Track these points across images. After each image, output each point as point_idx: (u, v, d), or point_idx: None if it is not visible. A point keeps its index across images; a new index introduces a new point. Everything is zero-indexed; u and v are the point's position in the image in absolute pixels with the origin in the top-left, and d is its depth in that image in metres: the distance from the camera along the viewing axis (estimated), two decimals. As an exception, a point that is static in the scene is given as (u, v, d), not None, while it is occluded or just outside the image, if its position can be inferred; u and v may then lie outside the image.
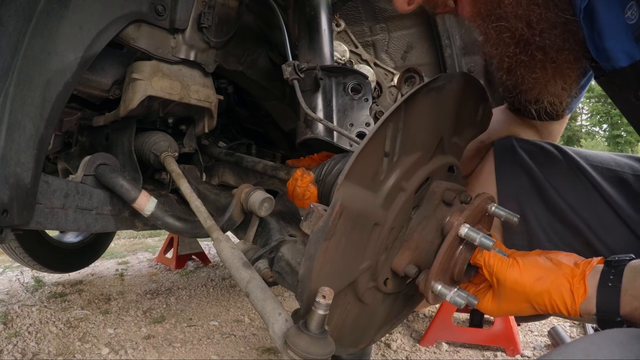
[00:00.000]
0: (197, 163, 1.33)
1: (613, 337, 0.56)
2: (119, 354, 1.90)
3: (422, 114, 0.68)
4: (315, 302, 0.54)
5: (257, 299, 0.63)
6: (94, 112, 1.25)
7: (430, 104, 0.69)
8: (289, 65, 0.99)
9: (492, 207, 0.73)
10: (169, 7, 1.02)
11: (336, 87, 1.07)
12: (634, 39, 0.61)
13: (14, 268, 3.11)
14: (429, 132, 0.71)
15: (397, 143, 0.65)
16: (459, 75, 0.74)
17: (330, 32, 1.12)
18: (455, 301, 0.66)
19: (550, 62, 0.69)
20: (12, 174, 0.75)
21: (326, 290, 0.54)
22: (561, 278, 0.68)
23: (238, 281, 0.68)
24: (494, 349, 2.08)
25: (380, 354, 2.01)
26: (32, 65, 0.76)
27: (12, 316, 2.23)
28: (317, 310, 0.54)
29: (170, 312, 2.42)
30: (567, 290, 0.67)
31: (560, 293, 0.67)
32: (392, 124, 0.63)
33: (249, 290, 0.65)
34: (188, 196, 0.94)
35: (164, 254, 3.44)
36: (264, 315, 0.60)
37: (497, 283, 0.72)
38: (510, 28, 0.66)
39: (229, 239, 0.79)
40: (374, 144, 0.62)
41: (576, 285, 0.67)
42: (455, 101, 0.75)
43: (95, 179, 0.99)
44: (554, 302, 0.68)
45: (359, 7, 1.48)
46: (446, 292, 0.66)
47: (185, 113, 1.27)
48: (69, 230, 1.84)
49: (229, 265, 0.72)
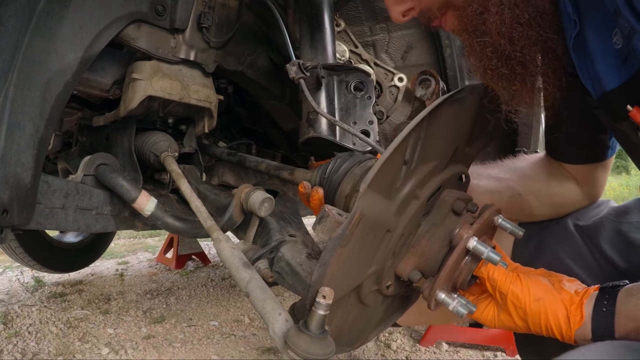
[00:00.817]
0: (197, 163, 1.33)
1: (603, 347, 0.59)
2: (119, 354, 1.90)
3: (443, 124, 0.68)
4: (316, 302, 0.54)
5: (257, 299, 0.63)
6: (94, 112, 1.24)
7: (452, 114, 0.70)
8: (294, 65, 0.98)
9: (499, 219, 0.75)
10: (169, 7, 1.02)
11: (338, 85, 1.07)
12: (621, 61, 0.64)
13: (14, 268, 3.11)
14: (447, 142, 0.72)
15: (417, 152, 0.65)
16: (480, 88, 0.75)
17: (332, 30, 1.11)
18: (458, 311, 0.68)
19: (529, 75, 0.72)
20: (12, 174, 0.75)
21: (326, 290, 0.54)
22: (559, 303, 0.71)
23: (238, 281, 0.68)
24: (494, 349, 2.08)
25: (380, 354, 2.01)
26: (32, 65, 0.76)
27: (12, 316, 2.23)
28: (317, 310, 0.54)
29: (170, 312, 2.42)
30: (564, 316, 0.70)
31: (557, 318, 0.70)
32: (414, 133, 0.63)
33: (249, 290, 0.65)
34: (188, 196, 0.94)
35: (164, 254, 3.44)
36: (264, 315, 0.60)
37: (499, 296, 0.75)
38: (494, 43, 0.70)
39: (229, 239, 0.80)
40: (397, 152, 0.62)
41: (573, 312, 0.69)
42: (474, 112, 0.76)
43: (95, 179, 0.99)
44: (549, 325, 0.71)
45: (359, 7, 1.48)
46: (449, 301, 0.68)
47: (185, 113, 1.27)
48: (69, 230, 1.84)
49: (229, 265, 0.72)
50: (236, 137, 1.78)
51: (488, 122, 0.83)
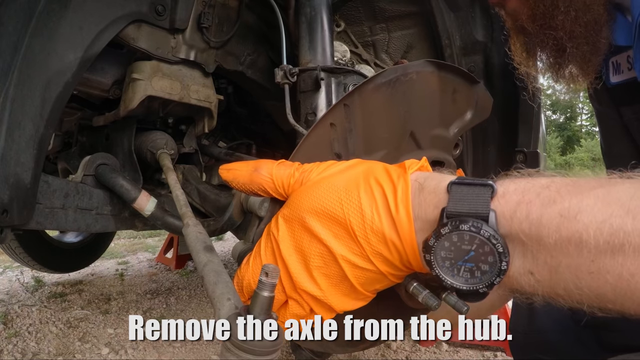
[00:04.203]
0: (197, 163, 1.33)
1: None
2: (119, 354, 1.90)
3: (374, 111, 0.65)
4: (259, 281, 0.43)
5: (209, 282, 0.54)
6: (94, 112, 1.25)
7: (384, 99, 0.66)
8: (281, 69, 1.01)
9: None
10: (169, 7, 1.02)
11: (336, 87, 1.07)
12: None
13: (14, 268, 3.11)
14: (391, 128, 0.68)
15: (349, 143, 0.63)
16: (419, 64, 0.70)
17: (331, 32, 1.12)
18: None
19: (567, 65, 0.85)
20: (12, 174, 0.75)
21: (270, 267, 0.44)
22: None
23: (196, 264, 0.63)
24: (493, 349, 2.08)
25: (380, 354, 2.01)
26: (32, 65, 0.76)
27: (12, 316, 2.23)
28: (260, 292, 0.44)
29: (170, 312, 2.42)
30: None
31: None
32: (337, 127, 0.61)
33: (204, 274, 0.57)
34: (172, 186, 0.93)
35: (164, 254, 3.44)
36: (213, 300, 0.52)
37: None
38: (556, 36, 0.80)
39: (198, 224, 0.77)
40: (315, 148, 0.60)
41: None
42: (423, 92, 0.71)
43: (95, 179, 0.99)
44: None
45: (359, 7, 1.48)
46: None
47: (185, 113, 1.27)
48: (69, 230, 1.84)
49: (191, 249, 0.68)
50: (236, 137, 1.78)
51: (467, 98, 0.79)
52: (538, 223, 0.39)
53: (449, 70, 0.75)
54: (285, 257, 0.51)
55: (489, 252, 0.42)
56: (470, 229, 0.41)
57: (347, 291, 0.50)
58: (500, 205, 0.42)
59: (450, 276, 0.44)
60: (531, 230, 0.40)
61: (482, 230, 0.41)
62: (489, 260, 0.42)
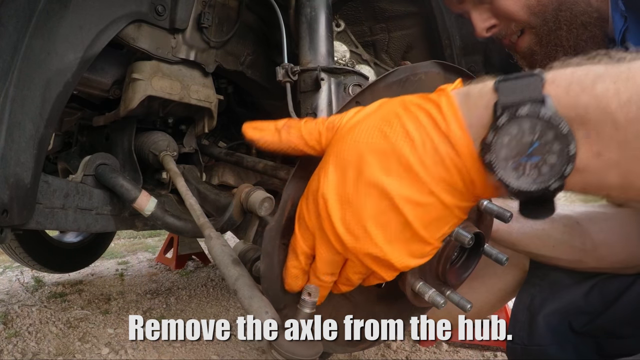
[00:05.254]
0: (197, 163, 1.33)
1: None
2: (119, 354, 1.90)
3: None
4: (301, 300, 0.52)
5: (244, 296, 0.60)
6: (94, 112, 1.24)
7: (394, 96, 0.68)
8: (283, 68, 1.01)
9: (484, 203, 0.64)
10: (169, 7, 1.02)
11: (337, 87, 1.07)
12: None
13: (14, 268, 3.11)
14: None
15: None
16: (428, 65, 0.71)
17: (331, 32, 1.12)
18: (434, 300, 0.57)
19: None
20: (12, 174, 0.75)
21: (312, 287, 0.52)
22: None
23: (226, 278, 0.65)
24: (494, 349, 2.08)
25: (380, 354, 2.01)
26: (32, 65, 0.76)
27: (12, 316, 2.23)
28: (302, 309, 0.53)
29: (170, 312, 2.42)
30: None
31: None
32: None
33: (237, 288, 0.62)
34: (183, 194, 0.93)
35: (164, 254, 3.44)
36: (250, 314, 0.57)
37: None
38: (565, 52, 0.88)
39: (220, 237, 0.78)
40: None
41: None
42: (431, 91, 0.73)
43: (95, 179, 0.99)
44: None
45: (359, 7, 1.48)
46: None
47: (185, 113, 1.27)
48: (69, 230, 1.84)
49: (219, 262, 0.70)
50: (236, 137, 1.78)
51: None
52: (594, 94, 0.37)
53: (454, 72, 0.76)
54: (331, 213, 0.45)
55: (554, 138, 0.38)
56: (528, 113, 0.39)
57: (409, 240, 0.45)
58: (552, 89, 0.39)
59: (515, 178, 0.40)
60: (589, 102, 0.37)
61: (542, 113, 0.38)
62: (554, 149, 0.38)
